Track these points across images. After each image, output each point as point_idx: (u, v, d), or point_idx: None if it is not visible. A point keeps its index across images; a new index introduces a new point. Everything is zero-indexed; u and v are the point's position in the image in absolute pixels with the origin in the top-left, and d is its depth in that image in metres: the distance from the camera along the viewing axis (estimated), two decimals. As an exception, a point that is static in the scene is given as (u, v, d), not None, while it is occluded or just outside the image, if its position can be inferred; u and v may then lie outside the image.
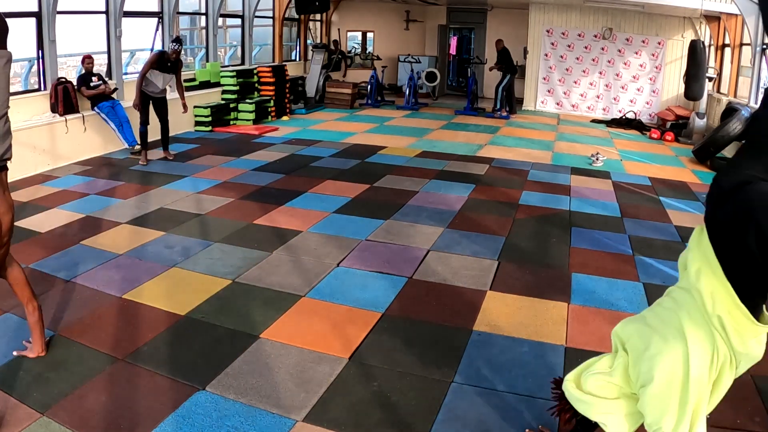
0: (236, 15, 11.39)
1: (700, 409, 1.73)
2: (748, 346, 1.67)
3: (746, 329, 1.65)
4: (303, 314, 3.43)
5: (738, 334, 1.65)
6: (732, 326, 1.64)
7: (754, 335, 1.66)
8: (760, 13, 1.45)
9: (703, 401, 1.73)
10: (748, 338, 1.66)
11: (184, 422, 2.45)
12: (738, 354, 1.69)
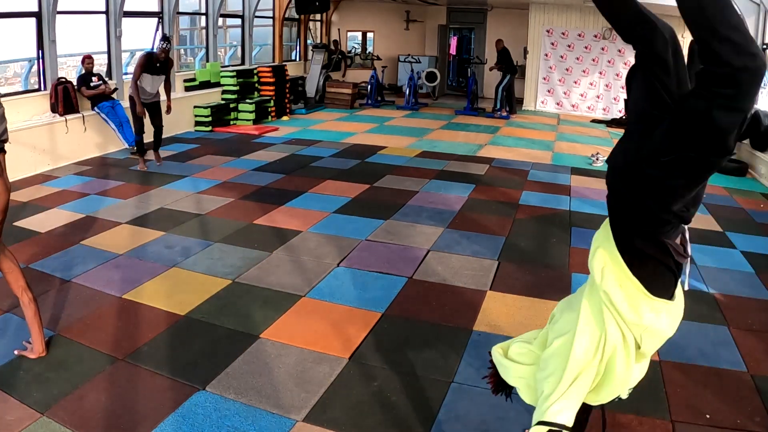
0: (236, 15, 11.39)
1: (581, 383, 1.76)
2: (643, 317, 1.69)
3: (639, 301, 1.68)
4: (303, 314, 3.43)
5: (631, 307, 1.68)
6: (621, 298, 1.68)
7: (650, 308, 1.69)
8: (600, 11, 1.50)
9: (583, 377, 1.76)
10: (643, 310, 1.69)
11: (184, 422, 2.45)
12: (633, 326, 1.71)
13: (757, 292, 3.92)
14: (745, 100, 1.41)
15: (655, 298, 1.69)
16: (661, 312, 1.71)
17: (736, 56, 1.35)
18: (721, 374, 2.91)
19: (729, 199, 6.42)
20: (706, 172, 1.52)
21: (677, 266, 1.70)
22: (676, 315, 1.79)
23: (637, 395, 2.70)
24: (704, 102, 1.42)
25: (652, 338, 1.75)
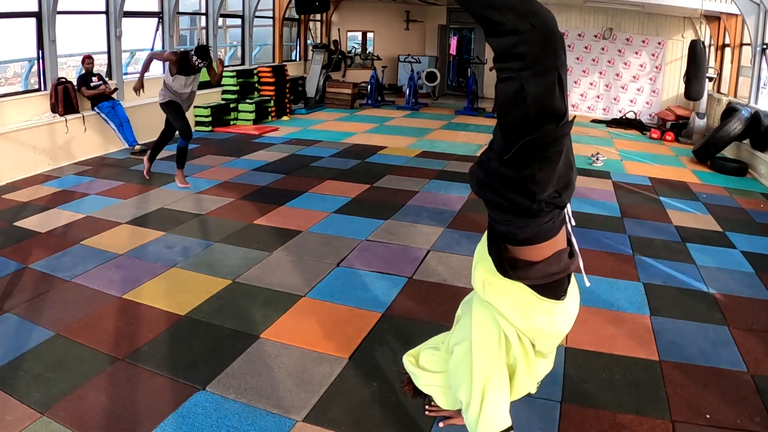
0: (236, 15, 11.39)
1: (496, 384, 1.75)
2: (534, 322, 1.69)
3: (529, 307, 1.67)
4: (303, 314, 3.43)
5: (521, 314, 1.68)
6: (509, 308, 1.68)
7: (541, 311, 1.68)
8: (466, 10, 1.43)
9: (496, 377, 1.75)
10: (534, 315, 1.69)
11: (184, 422, 2.45)
12: (526, 332, 1.72)
13: (757, 292, 3.92)
14: (546, 60, 1.37)
15: (546, 299, 1.67)
16: (553, 313, 1.71)
17: (521, 19, 1.34)
18: (721, 374, 2.91)
19: (729, 199, 6.42)
20: (552, 147, 1.46)
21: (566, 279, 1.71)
22: (570, 311, 1.80)
23: (637, 395, 2.71)
24: (512, 83, 1.40)
25: (547, 339, 1.78)
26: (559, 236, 1.67)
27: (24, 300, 3.50)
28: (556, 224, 1.62)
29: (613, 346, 3.15)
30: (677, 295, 3.84)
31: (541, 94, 1.39)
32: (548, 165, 1.48)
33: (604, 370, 2.92)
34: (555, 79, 1.39)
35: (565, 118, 1.44)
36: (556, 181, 1.51)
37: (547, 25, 1.37)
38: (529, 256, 1.65)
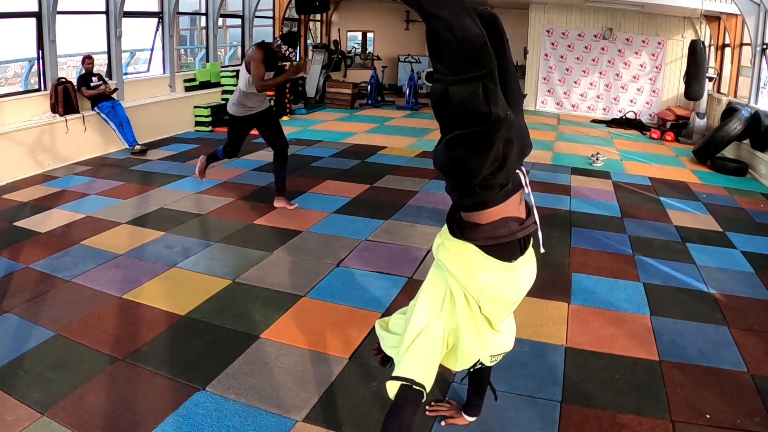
0: (236, 15, 11.39)
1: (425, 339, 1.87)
2: (478, 280, 1.81)
3: (475, 263, 1.80)
4: (303, 314, 3.43)
5: (465, 270, 1.81)
6: (456, 264, 1.82)
7: (486, 270, 1.80)
8: None
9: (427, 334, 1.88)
10: (479, 273, 1.80)
11: (184, 422, 2.45)
12: (471, 289, 1.82)
13: (757, 292, 3.92)
14: (469, 70, 1.46)
15: (492, 259, 1.80)
16: (496, 272, 1.82)
17: (447, 31, 1.44)
18: (722, 374, 2.91)
19: (729, 199, 6.42)
20: (483, 140, 1.57)
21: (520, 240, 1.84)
22: (521, 282, 1.90)
23: (637, 395, 2.71)
24: (440, 84, 1.52)
25: (493, 303, 1.86)
26: (508, 204, 1.80)
27: (24, 300, 3.50)
28: (500, 195, 1.76)
29: (613, 346, 3.15)
30: (677, 295, 3.84)
31: (463, 99, 1.49)
32: (479, 155, 1.60)
33: (604, 370, 2.92)
34: (478, 88, 1.48)
35: (494, 117, 1.53)
36: (490, 165, 1.63)
37: (471, 39, 1.44)
38: (477, 219, 1.81)
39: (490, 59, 1.48)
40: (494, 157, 1.62)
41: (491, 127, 1.55)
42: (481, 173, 1.64)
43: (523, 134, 1.78)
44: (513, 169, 1.74)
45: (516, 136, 1.68)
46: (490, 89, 1.50)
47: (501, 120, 1.55)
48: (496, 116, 1.53)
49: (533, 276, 1.95)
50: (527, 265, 1.91)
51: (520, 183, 1.83)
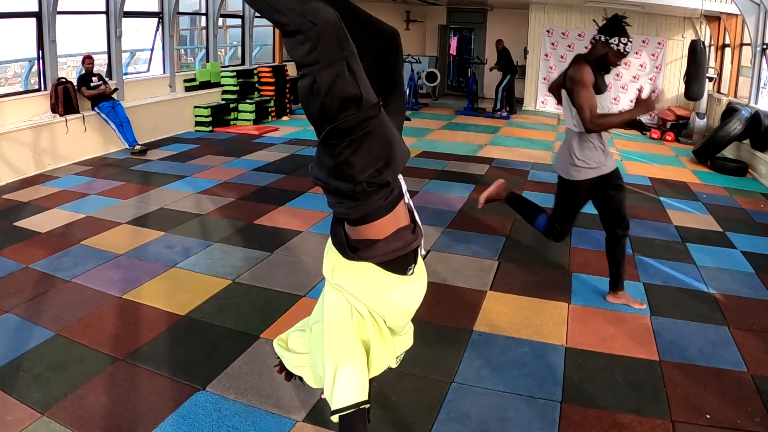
0: (236, 15, 11.39)
1: (350, 357, 1.80)
2: (383, 298, 1.81)
3: (377, 284, 1.78)
4: (303, 314, 3.40)
5: (369, 292, 1.79)
6: (357, 286, 1.78)
7: (390, 287, 1.80)
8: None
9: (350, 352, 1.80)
10: (383, 291, 1.80)
11: (184, 422, 2.45)
12: (376, 307, 1.82)
13: (757, 293, 3.92)
14: (331, 52, 1.48)
15: (392, 275, 1.78)
16: (401, 289, 1.83)
17: (302, 18, 1.45)
18: (722, 374, 2.91)
19: (729, 199, 6.42)
20: (357, 130, 1.58)
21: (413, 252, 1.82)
22: (418, 289, 1.94)
23: (637, 395, 2.71)
24: (306, 78, 1.53)
25: (397, 316, 1.89)
26: (398, 214, 1.77)
27: (24, 300, 3.50)
28: (389, 202, 1.72)
29: (613, 347, 3.15)
30: (677, 295, 3.84)
31: (332, 82, 1.51)
32: (360, 147, 1.61)
33: (604, 370, 2.92)
34: (344, 68, 1.50)
35: (365, 100, 1.55)
36: (374, 161, 1.63)
37: (328, 21, 1.47)
38: (369, 234, 1.74)
39: (348, 40, 1.51)
40: (376, 153, 1.63)
41: (365, 115, 1.56)
42: (366, 170, 1.62)
43: (402, 146, 1.74)
44: (398, 170, 1.70)
45: (395, 139, 1.69)
46: (355, 70, 1.53)
47: (374, 106, 1.58)
48: (368, 101, 1.56)
49: (426, 280, 1.98)
50: (421, 269, 1.93)
51: (401, 191, 1.80)
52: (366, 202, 1.69)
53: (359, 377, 1.80)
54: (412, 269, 1.84)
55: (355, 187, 1.66)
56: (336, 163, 1.66)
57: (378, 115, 1.59)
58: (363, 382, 1.81)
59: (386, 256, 1.75)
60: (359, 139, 1.59)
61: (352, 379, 1.78)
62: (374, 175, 1.64)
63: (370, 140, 1.61)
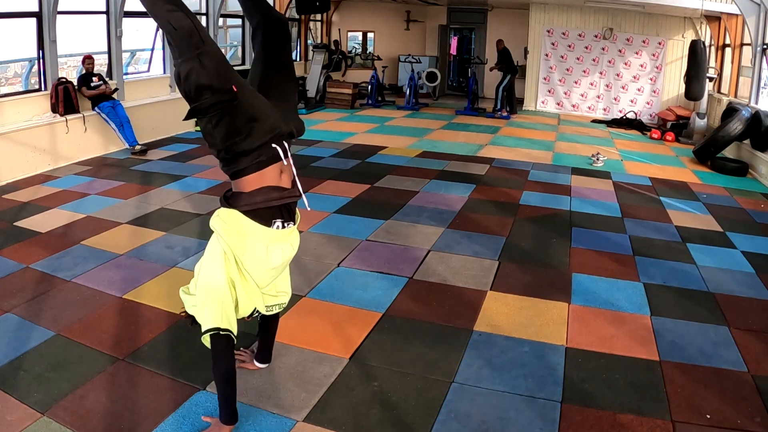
0: (237, 15, 11.39)
1: (216, 291, 2.18)
2: (241, 240, 2.18)
3: (239, 228, 2.17)
4: (303, 314, 3.43)
5: (232, 233, 2.17)
6: (225, 228, 2.17)
7: (250, 233, 2.17)
8: None
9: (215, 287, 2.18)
10: (243, 235, 2.17)
11: (184, 422, 2.45)
12: (234, 249, 2.18)
13: (757, 293, 3.92)
14: (187, 51, 1.98)
15: (254, 222, 2.17)
16: (260, 237, 2.20)
17: (168, 25, 1.98)
18: (722, 374, 2.91)
19: (729, 199, 6.42)
20: (211, 110, 2.05)
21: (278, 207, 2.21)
22: (283, 249, 2.28)
23: (637, 395, 2.71)
24: (176, 69, 2.03)
25: (254, 265, 2.21)
26: (265, 174, 2.18)
27: (24, 300, 3.50)
28: (256, 164, 2.15)
29: (613, 347, 3.15)
30: (677, 295, 3.84)
31: (188, 74, 1.99)
32: (219, 123, 2.07)
33: (604, 370, 2.92)
34: (196, 63, 1.98)
35: (216, 87, 2.01)
36: (234, 133, 2.08)
37: (184, 27, 1.97)
38: (240, 188, 2.21)
39: (202, 42, 1.99)
40: (236, 127, 2.07)
41: (218, 99, 2.02)
42: (226, 140, 2.08)
43: (277, 115, 2.18)
44: (258, 141, 2.11)
45: (264, 115, 2.13)
46: (206, 64, 1.99)
47: (228, 92, 2.02)
48: (220, 89, 2.02)
49: (293, 250, 2.35)
50: (292, 238, 2.33)
51: (276, 156, 2.19)
52: (235, 162, 2.15)
53: (222, 307, 2.18)
54: (278, 225, 2.23)
55: (218, 153, 2.15)
56: (203, 133, 2.15)
57: (233, 101, 2.03)
58: (226, 312, 2.19)
59: (248, 206, 2.17)
60: (217, 116, 2.06)
61: (217, 305, 2.17)
62: (232, 144, 2.09)
63: (229, 117, 2.06)
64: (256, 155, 2.13)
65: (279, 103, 2.23)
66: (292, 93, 2.41)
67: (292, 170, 2.30)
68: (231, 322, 2.20)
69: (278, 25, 2.35)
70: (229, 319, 2.20)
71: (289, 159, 2.25)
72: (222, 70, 2.03)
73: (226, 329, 2.20)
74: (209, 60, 1.99)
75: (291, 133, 2.28)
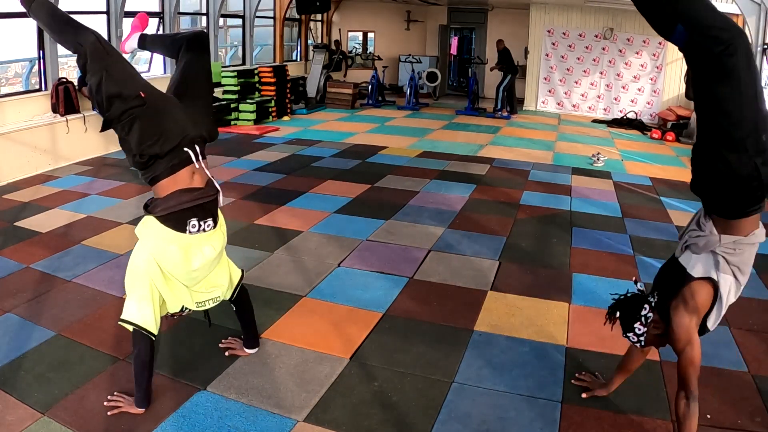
0: (237, 15, 11.40)
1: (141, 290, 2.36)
2: (160, 246, 2.32)
3: (157, 234, 2.33)
4: (304, 314, 3.43)
5: (151, 238, 2.34)
6: (145, 234, 2.36)
7: (167, 239, 2.32)
8: None
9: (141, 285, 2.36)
10: (160, 241, 2.33)
11: (185, 422, 2.45)
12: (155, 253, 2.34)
13: (758, 293, 3.92)
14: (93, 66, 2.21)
15: (168, 229, 2.31)
16: (177, 242, 2.32)
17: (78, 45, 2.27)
18: (722, 374, 2.91)
19: (730, 199, 6.40)
20: (124, 118, 2.23)
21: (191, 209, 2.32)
22: (203, 252, 2.39)
23: (638, 395, 2.71)
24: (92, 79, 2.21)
25: (175, 266, 2.34)
26: (177, 178, 2.32)
27: (25, 300, 3.50)
28: (169, 168, 2.29)
29: (614, 347, 3.14)
30: (678, 295, 3.83)
31: (98, 85, 2.18)
32: (131, 129, 2.24)
33: (605, 370, 2.92)
34: (103, 75, 2.17)
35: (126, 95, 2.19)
36: (146, 138, 2.23)
37: (89, 45, 2.22)
38: (156, 194, 2.36)
39: (108, 55, 2.23)
40: (147, 133, 2.22)
41: (127, 106, 2.19)
42: (140, 145, 2.24)
43: (188, 119, 2.34)
44: (168, 145, 2.25)
45: (173, 120, 2.28)
46: (114, 75, 2.19)
47: (136, 98, 2.20)
48: (129, 96, 2.19)
49: (215, 251, 2.44)
50: (209, 241, 2.41)
51: (189, 159, 2.32)
52: (151, 167, 2.29)
53: (144, 306, 2.35)
54: (194, 224, 2.34)
55: (134, 159, 2.31)
56: (120, 142, 2.32)
57: (141, 106, 2.20)
58: (149, 311, 2.35)
59: (162, 211, 2.30)
60: (128, 123, 2.22)
61: (138, 305, 2.35)
62: (145, 147, 2.24)
63: (140, 123, 2.21)
64: (169, 159, 2.28)
65: (192, 109, 2.39)
66: (204, 98, 2.55)
67: (206, 172, 2.42)
68: (147, 322, 2.36)
69: (197, 36, 2.56)
70: (145, 318, 2.36)
71: (201, 161, 2.38)
72: (128, 78, 2.24)
73: (144, 328, 2.37)
74: (115, 70, 2.21)
75: (202, 137, 2.40)
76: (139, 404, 2.48)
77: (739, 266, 2.10)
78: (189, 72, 2.47)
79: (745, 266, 2.11)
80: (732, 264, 2.08)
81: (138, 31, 2.83)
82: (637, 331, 2.30)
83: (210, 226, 2.40)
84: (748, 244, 2.08)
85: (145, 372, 2.44)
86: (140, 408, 2.47)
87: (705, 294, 2.12)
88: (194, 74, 2.49)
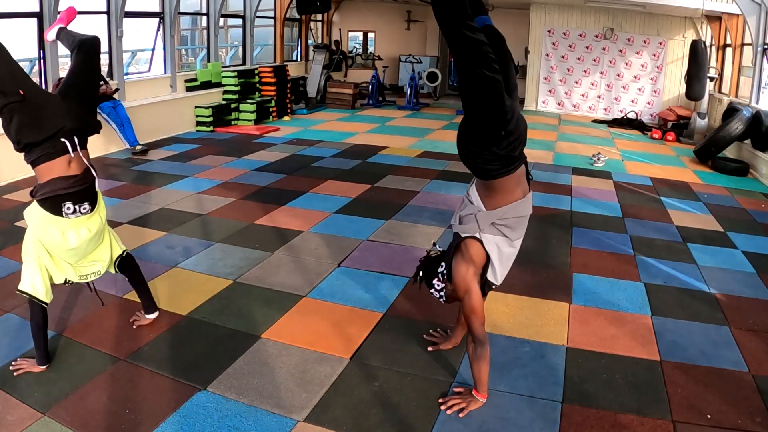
0: (237, 15, 11.40)
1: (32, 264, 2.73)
2: (41, 226, 2.66)
3: (39, 216, 2.66)
4: (304, 314, 3.43)
5: (35, 220, 2.67)
6: (29, 215, 2.70)
7: (46, 221, 2.64)
8: None
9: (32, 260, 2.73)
10: (43, 222, 2.66)
11: (185, 422, 2.45)
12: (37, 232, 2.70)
13: (758, 293, 3.92)
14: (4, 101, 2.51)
15: (43, 210, 2.62)
16: (48, 221, 2.63)
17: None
18: (723, 374, 2.91)
19: (730, 199, 6.42)
20: (6, 108, 2.51)
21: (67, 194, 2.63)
22: (74, 232, 2.68)
23: (638, 395, 2.71)
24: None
25: (53, 246, 2.68)
26: (55, 166, 2.64)
27: (25, 300, 3.48)
28: (45, 155, 2.62)
29: (614, 347, 3.14)
30: (678, 295, 3.83)
31: None
32: (12, 120, 2.52)
33: (605, 370, 2.92)
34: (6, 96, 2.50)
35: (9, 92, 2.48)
36: (25, 129, 2.53)
37: None
38: (39, 179, 2.66)
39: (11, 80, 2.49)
40: (26, 124, 2.53)
41: (6, 101, 2.48)
42: (17, 134, 2.56)
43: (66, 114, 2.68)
44: (42, 135, 2.56)
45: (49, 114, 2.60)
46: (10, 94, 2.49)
47: (14, 94, 2.47)
48: (9, 92, 2.47)
49: (90, 233, 2.74)
50: (85, 224, 2.71)
51: (65, 149, 2.66)
52: (29, 153, 2.61)
53: (36, 278, 2.69)
54: (69, 207, 2.65)
55: (15, 146, 2.62)
56: (3, 128, 2.54)
57: (20, 101, 2.48)
58: (40, 283, 2.70)
59: (41, 196, 2.61)
60: (9, 115, 2.51)
61: (31, 277, 2.70)
62: (21, 137, 2.55)
63: (18, 116, 2.51)
64: (44, 148, 2.58)
65: (76, 104, 2.71)
66: (87, 96, 2.88)
67: (84, 160, 2.81)
68: (38, 291, 2.69)
69: (89, 41, 2.82)
70: (36, 287, 2.69)
71: (78, 151, 2.74)
72: (9, 76, 2.49)
73: (36, 297, 2.69)
74: (29, 89, 2.53)
75: (81, 129, 2.76)
76: (39, 362, 2.75)
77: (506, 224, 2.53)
78: (76, 71, 2.79)
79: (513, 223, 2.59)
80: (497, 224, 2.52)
81: (61, 24, 3.11)
82: (436, 287, 2.69)
83: (87, 210, 2.73)
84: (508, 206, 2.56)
85: (40, 333, 2.71)
86: (41, 366, 2.74)
87: (476, 248, 2.51)
88: (80, 74, 2.79)
